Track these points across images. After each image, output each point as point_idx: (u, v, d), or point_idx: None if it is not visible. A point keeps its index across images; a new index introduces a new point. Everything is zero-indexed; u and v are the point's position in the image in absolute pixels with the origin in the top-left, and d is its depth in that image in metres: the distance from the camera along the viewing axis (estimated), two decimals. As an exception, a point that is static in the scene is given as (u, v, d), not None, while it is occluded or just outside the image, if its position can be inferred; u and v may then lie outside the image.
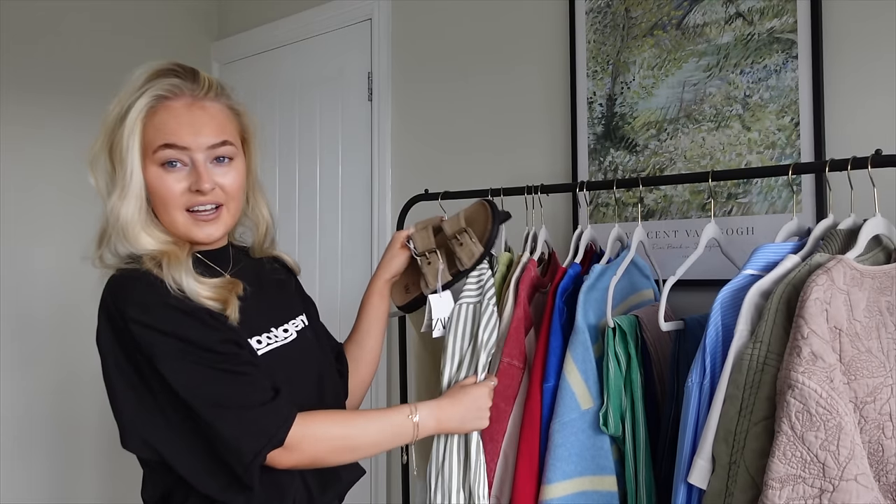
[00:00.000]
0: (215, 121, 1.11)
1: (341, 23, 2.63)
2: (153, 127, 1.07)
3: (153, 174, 1.07)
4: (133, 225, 1.07)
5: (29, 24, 2.54)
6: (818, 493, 1.01)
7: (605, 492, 1.32)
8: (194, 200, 1.08)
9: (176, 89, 1.09)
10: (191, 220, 1.09)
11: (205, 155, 1.08)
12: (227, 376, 1.03)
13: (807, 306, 1.06)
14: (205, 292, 1.06)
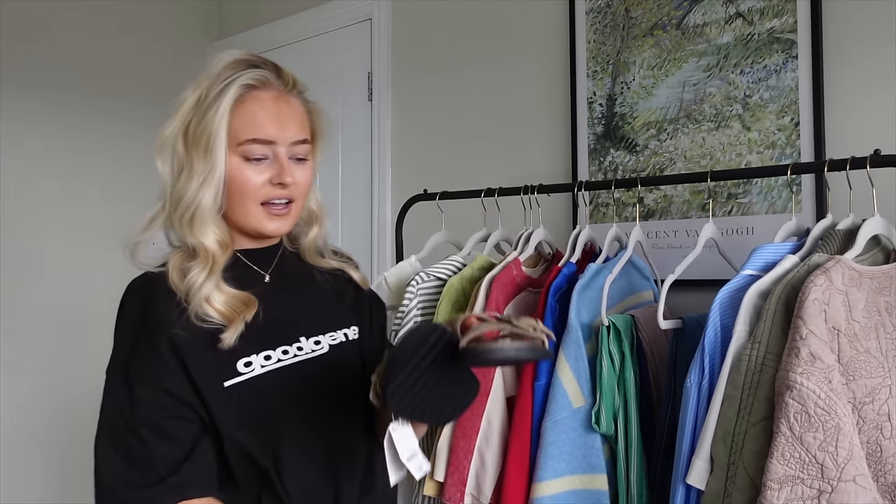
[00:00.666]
0: (298, 117, 1.11)
1: (341, 23, 2.63)
2: (240, 117, 1.06)
3: (234, 164, 1.06)
4: (207, 213, 1.06)
5: (29, 24, 2.54)
6: (817, 494, 1.00)
7: (595, 490, 1.32)
8: (273, 193, 1.07)
9: (264, 79, 1.09)
10: (264, 212, 1.08)
11: (287, 149, 1.08)
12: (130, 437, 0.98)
13: (805, 307, 1.06)
14: (217, 303, 1.03)
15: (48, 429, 2.55)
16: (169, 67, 2.93)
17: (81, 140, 2.66)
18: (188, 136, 1.07)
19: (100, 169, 2.71)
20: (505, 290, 1.47)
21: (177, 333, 1.01)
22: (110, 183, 2.73)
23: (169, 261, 1.08)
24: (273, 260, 1.16)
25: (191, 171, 1.06)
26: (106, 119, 2.72)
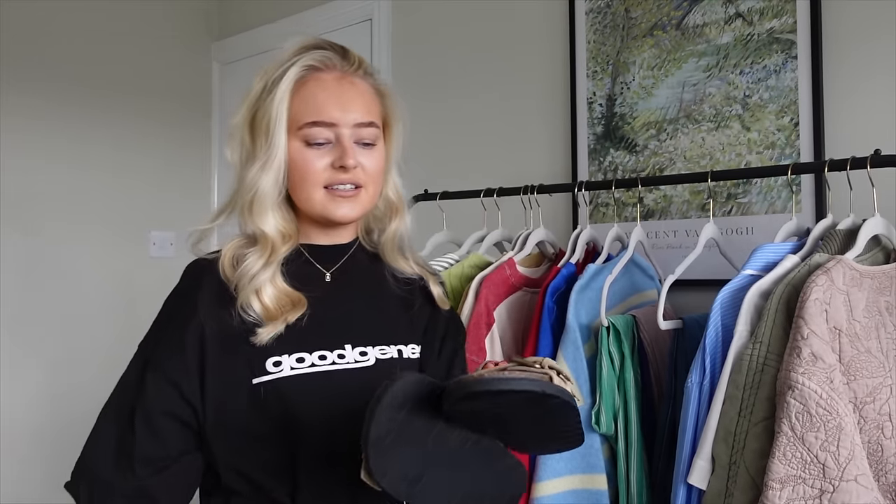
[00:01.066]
0: (363, 98, 1.04)
1: (341, 23, 2.63)
2: (301, 99, 1.01)
3: (295, 148, 1.01)
4: (267, 198, 1.01)
5: (29, 23, 2.54)
6: (818, 494, 1.01)
7: (595, 490, 1.32)
8: (336, 178, 1.01)
9: (327, 61, 1.03)
10: (328, 196, 1.02)
11: (351, 132, 1.02)
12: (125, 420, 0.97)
13: (806, 307, 1.06)
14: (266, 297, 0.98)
15: (50, 427, 2.55)
16: (169, 67, 2.93)
17: (82, 138, 2.66)
18: (253, 123, 1.04)
19: (101, 167, 2.71)
20: (496, 290, 1.47)
21: (209, 325, 0.98)
22: (112, 180, 2.74)
23: (224, 247, 1.04)
24: (340, 258, 1.08)
25: (254, 157, 1.02)
26: (106, 118, 2.72)
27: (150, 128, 2.85)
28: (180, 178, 2.96)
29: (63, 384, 2.58)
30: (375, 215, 1.13)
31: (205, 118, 3.06)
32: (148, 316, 1.15)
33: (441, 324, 1.12)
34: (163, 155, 2.90)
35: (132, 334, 3.05)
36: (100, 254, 2.70)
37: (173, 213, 2.93)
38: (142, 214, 2.82)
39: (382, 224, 1.13)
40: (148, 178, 2.85)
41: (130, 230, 2.79)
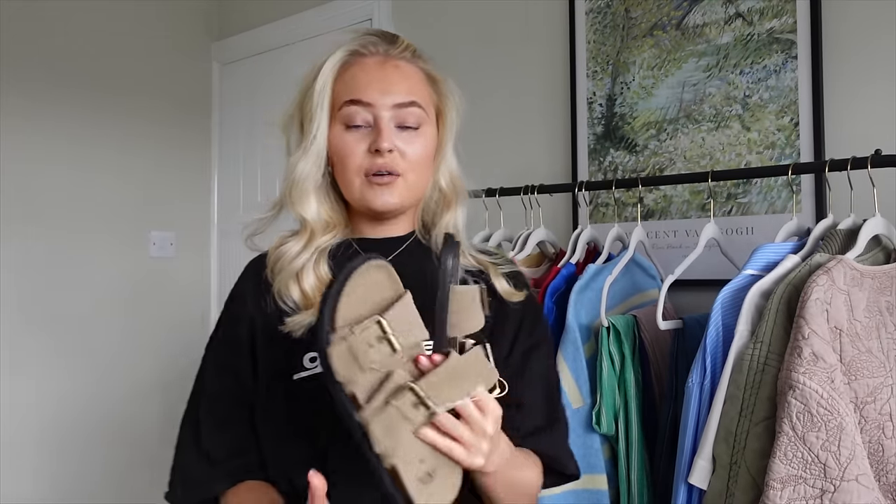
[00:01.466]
0: (407, 80, 1.00)
1: (341, 23, 2.63)
2: (342, 82, 0.99)
3: (335, 133, 0.99)
4: (305, 183, 0.99)
5: (29, 23, 2.54)
6: (819, 494, 1.01)
7: (595, 490, 1.32)
8: (372, 163, 0.97)
9: (371, 46, 1.01)
10: (367, 183, 0.98)
11: (390, 114, 0.97)
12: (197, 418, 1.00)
13: (807, 307, 1.06)
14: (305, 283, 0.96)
15: (50, 426, 2.55)
16: (169, 67, 2.93)
17: (82, 138, 2.66)
18: (302, 110, 1.03)
19: (101, 167, 2.71)
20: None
21: (257, 317, 0.99)
22: (112, 180, 2.74)
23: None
24: (393, 252, 1.02)
25: (298, 145, 1.02)
26: (106, 118, 2.72)
27: (150, 128, 2.85)
28: (180, 178, 2.96)
29: (63, 384, 2.58)
30: (429, 206, 1.06)
31: (205, 118, 3.06)
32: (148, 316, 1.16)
33: (509, 320, 1.01)
34: (163, 155, 2.90)
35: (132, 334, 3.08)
36: (100, 254, 2.70)
37: (173, 214, 2.93)
38: (142, 215, 2.82)
39: (433, 217, 1.06)
40: (148, 178, 2.85)
41: (130, 230, 2.79)
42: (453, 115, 1.05)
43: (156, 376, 2.84)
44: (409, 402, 0.73)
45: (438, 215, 1.05)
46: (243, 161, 3.00)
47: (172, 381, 2.90)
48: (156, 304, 2.84)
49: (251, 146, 2.97)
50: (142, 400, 2.79)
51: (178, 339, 2.93)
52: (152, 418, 2.81)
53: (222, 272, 3.06)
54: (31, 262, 2.53)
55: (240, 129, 3.01)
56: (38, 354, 2.53)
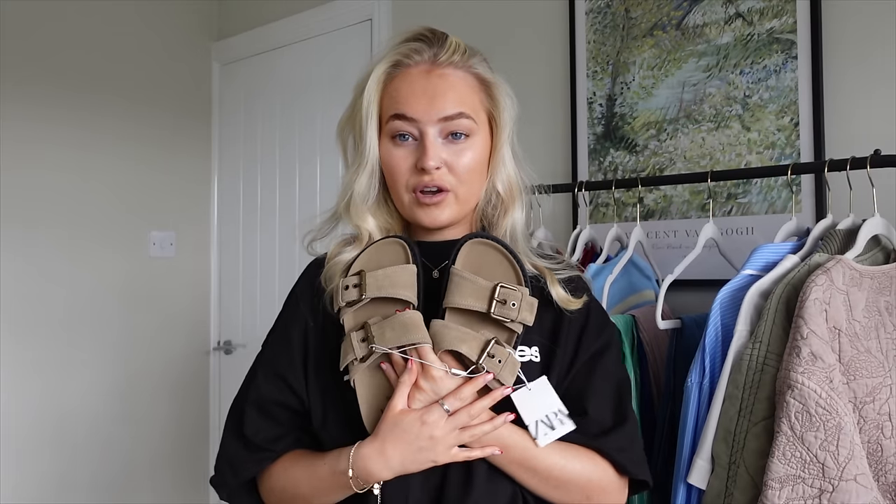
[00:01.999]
0: (454, 90, 0.97)
1: (341, 23, 2.63)
2: (388, 95, 0.98)
3: (385, 147, 0.98)
4: (362, 200, 0.99)
5: (29, 24, 2.54)
6: (818, 493, 1.01)
7: None
8: (419, 181, 0.96)
9: (416, 54, 0.98)
10: (415, 200, 0.97)
11: (436, 128, 0.95)
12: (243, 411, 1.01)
13: (806, 306, 1.06)
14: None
15: (50, 426, 2.55)
16: (169, 67, 2.93)
17: (82, 138, 2.66)
18: (353, 120, 1.02)
19: (101, 167, 2.71)
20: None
21: (310, 319, 1.00)
22: (112, 180, 2.74)
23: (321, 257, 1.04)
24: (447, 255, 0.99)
25: (354, 157, 1.01)
26: (106, 118, 2.72)
27: (150, 128, 2.85)
28: (180, 178, 2.97)
29: (64, 384, 2.58)
30: (486, 210, 1.05)
31: (205, 118, 3.07)
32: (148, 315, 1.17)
33: (565, 329, 1.00)
34: (163, 155, 2.90)
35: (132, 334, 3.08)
36: (100, 254, 2.70)
37: (173, 214, 2.93)
38: (142, 215, 2.82)
39: (492, 220, 1.04)
40: (148, 178, 2.85)
41: (130, 230, 2.79)
42: (506, 117, 1.02)
43: (156, 376, 2.84)
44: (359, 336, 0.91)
45: (497, 219, 1.04)
46: (243, 161, 3.00)
47: (173, 381, 2.91)
48: (156, 304, 2.84)
49: (251, 146, 2.97)
50: (142, 399, 2.79)
51: (178, 338, 2.93)
52: (153, 418, 2.82)
53: (222, 272, 3.06)
54: (32, 261, 2.53)
55: (240, 128, 3.01)
56: (38, 354, 2.54)
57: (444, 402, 0.88)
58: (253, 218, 2.96)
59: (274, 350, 1.03)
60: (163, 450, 2.86)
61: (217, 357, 3.04)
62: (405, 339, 0.89)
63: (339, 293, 0.93)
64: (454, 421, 0.88)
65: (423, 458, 0.89)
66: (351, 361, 0.91)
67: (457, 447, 0.90)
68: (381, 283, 0.91)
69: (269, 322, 1.09)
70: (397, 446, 0.89)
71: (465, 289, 0.92)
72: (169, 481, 2.87)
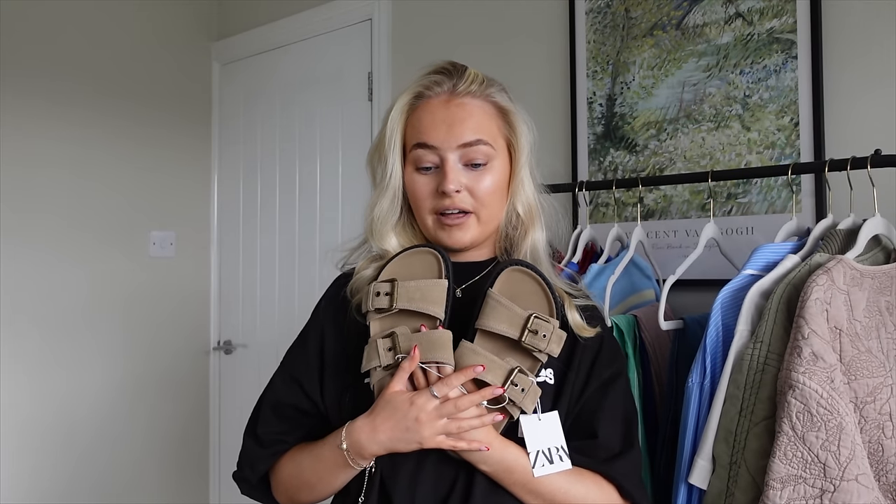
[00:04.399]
0: (472, 118, 1.02)
1: (341, 23, 2.63)
2: (410, 125, 1.04)
3: (409, 174, 1.05)
4: (384, 222, 1.05)
5: (29, 24, 2.54)
6: (819, 493, 1.01)
7: None
8: (440, 204, 1.02)
9: (436, 86, 1.04)
10: (438, 223, 1.04)
11: (456, 154, 1.01)
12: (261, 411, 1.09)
13: (807, 306, 1.06)
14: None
15: (50, 426, 2.55)
16: (169, 67, 2.93)
17: (82, 137, 2.66)
18: (378, 147, 1.08)
19: (101, 167, 2.71)
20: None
21: (329, 328, 1.07)
22: (112, 180, 2.74)
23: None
24: (474, 275, 1.07)
25: (377, 183, 1.08)
26: (106, 118, 2.72)
27: (150, 128, 2.85)
28: (180, 177, 2.97)
29: (63, 384, 2.58)
30: (507, 232, 1.09)
31: (205, 118, 3.06)
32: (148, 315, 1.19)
33: (578, 355, 1.03)
34: (163, 154, 2.90)
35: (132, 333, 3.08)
36: (100, 254, 2.70)
37: (173, 214, 2.93)
38: (142, 214, 2.82)
39: (514, 242, 1.09)
40: (148, 177, 2.85)
41: (130, 230, 2.79)
42: (523, 142, 1.07)
43: (156, 376, 2.84)
44: (385, 345, 0.94)
45: (518, 240, 1.08)
46: (243, 160, 3.00)
47: (172, 381, 2.91)
48: (156, 303, 2.84)
49: (251, 145, 2.97)
50: (142, 399, 2.79)
51: (178, 338, 2.93)
52: (152, 417, 2.82)
53: (222, 272, 3.06)
54: (32, 261, 2.53)
55: (239, 128, 3.01)
56: (38, 354, 2.54)
57: (432, 388, 0.92)
58: (253, 218, 2.96)
59: (293, 356, 1.10)
60: (162, 449, 2.86)
61: (217, 357, 3.04)
62: (431, 357, 0.92)
63: (370, 298, 0.96)
64: (441, 409, 0.92)
65: (409, 437, 0.93)
66: (374, 367, 0.94)
67: (443, 436, 0.92)
68: (413, 296, 0.95)
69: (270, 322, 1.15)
70: (387, 423, 0.93)
71: (501, 314, 0.95)
72: (169, 481, 2.87)
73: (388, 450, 0.94)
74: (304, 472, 1.02)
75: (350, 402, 1.01)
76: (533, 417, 0.96)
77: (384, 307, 0.95)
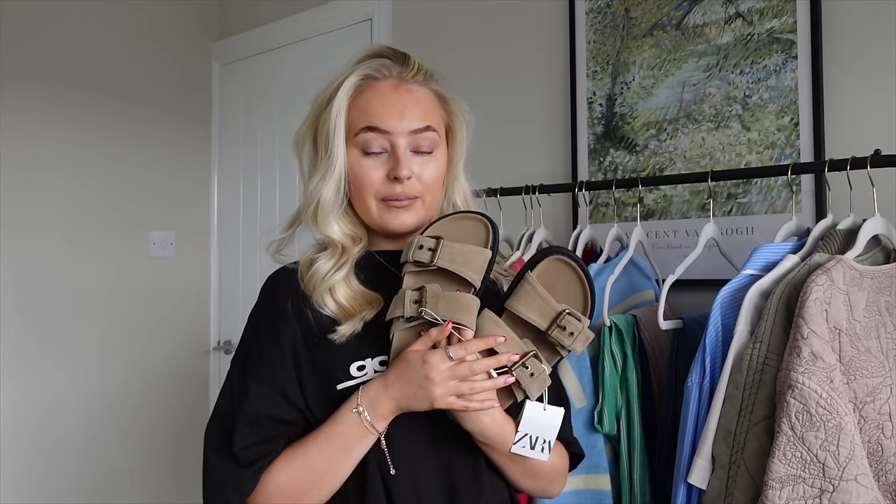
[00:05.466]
0: (421, 105, 1.03)
1: (341, 23, 2.63)
2: (357, 108, 1.02)
3: (353, 158, 1.02)
4: (329, 207, 1.03)
5: (29, 24, 2.54)
6: (818, 494, 1.01)
7: (598, 490, 1.32)
8: (390, 191, 1.01)
9: (384, 69, 1.03)
10: (384, 207, 1.03)
11: (406, 140, 1.01)
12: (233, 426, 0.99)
13: (807, 306, 1.06)
14: (339, 296, 1.00)
15: (50, 426, 2.55)
16: (169, 67, 2.93)
17: (82, 137, 2.66)
18: (315, 135, 1.05)
19: (101, 167, 2.71)
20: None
21: (296, 330, 1.00)
22: (112, 180, 2.74)
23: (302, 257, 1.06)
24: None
25: (316, 168, 1.04)
26: (106, 118, 2.72)
27: (150, 128, 2.85)
28: (180, 177, 2.97)
29: (63, 383, 2.58)
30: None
31: (205, 118, 3.07)
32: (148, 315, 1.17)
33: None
34: (163, 154, 2.90)
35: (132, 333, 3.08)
36: (100, 254, 2.70)
37: (173, 213, 2.93)
38: (142, 215, 2.82)
39: None
40: (148, 177, 2.85)
41: (130, 230, 2.79)
42: (463, 133, 1.09)
43: (156, 376, 2.84)
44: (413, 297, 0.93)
45: None
46: (243, 160, 3.00)
47: (172, 381, 2.91)
48: (156, 304, 2.84)
49: (251, 145, 2.97)
50: (142, 399, 2.79)
51: (178, 338, 2.93)
52: (152, 417, 2.82)
53: (222, 272, 3.06)
54: (32, 261, 2.53)
55: (239, 128, 3.01)
56: (38, 354, 2.54)
57: (448, 349, 0.92)
58: (253, 218, 2.96)
59: (268, 362, 1.01)
60: (162, 449, 2.86)
61: (217, 357, 3.04)
62: (455, 317, 0.92)
63: (412, 250, 0.96)
64: (454, 370, 0.92)
65: (421, 395, 0.92)
66: (398, 317, 0.94)
67: (454, 396, 0.92)
68: (455, 258, 0.94)
69: (269, 322, 1.07)
70: (399, 379, 0.93)
71: (533, 301, 0.95)
72: (168, 481, 2.87)
73: (401, 407, 0.94)
74: (311, 465, 0.96)
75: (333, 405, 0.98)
76: (538, 405, 0.97)
77: (423, 261, 0.95)
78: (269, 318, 1.02)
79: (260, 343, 1.02)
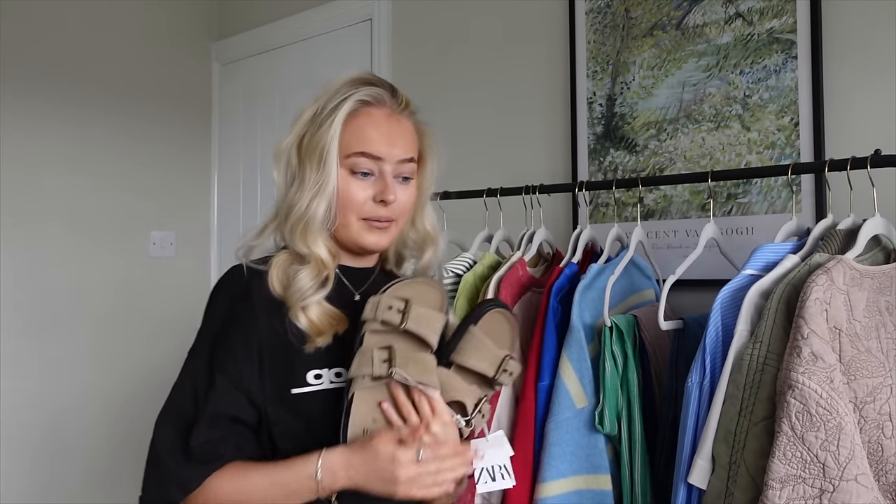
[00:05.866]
0: (407, 136, 1.12)
1: (341, 23, 2.63)
2: (351, 130, 1.08)
3: (341, 177, 1.08)
4: (318, 226, 1.07)
5: (28, 23, 2.54)
6: (818, 494, 1.01)
7: (599, 490, 1.32)
8: (375, 212, 1.08)
9: (379, 97, 1.10)
10: (365, 226, 1.09)
11: (393, 168, 1.09)
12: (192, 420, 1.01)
13: (807, 306, 1.06)
14: (312, 314, 1.04)
15: (49, 425, 2.55)
16: (169, 67, 2.93)
17: (82, 137, 2.66)
18: (302, 147, 1.09)
19: (101, 166, 2.71)
20: (512, 290, 1.47)
21: (264, 333, 1.03)
22: (112, 180, 2.74)
23: (273, 258, 1.08)
24: (367, 280, 1.15)
25: (302, 182, 1.08)
26: (106, 118, 2.72)
27: (150, 128, 2.85)
28: (180, 177, 2.97)
29: (62, 383, 2.58)
30: (409, 245, 1.20)
31: (205, 118, 3.07)
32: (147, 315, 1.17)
33: None
34: (163, 155, 2.90)
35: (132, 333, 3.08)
36: (100, 254, 2.70)
37: (173, 213, 2.93)
38: (142, 215, 2.82)
39: (418, 254, 1.20)
40: (148, 177, 2.85)
41: (130, 230, 2.79)
42: (434, 164, 1.17)
43: (155, 376, 2.84)
44: (381, 356, 0.97)
45: (419, 252, 1.19)
46: (243, 161, 3.00)
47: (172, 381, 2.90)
48: (156, 303, 2.84)
49: (251, 146, 2.97)
50: (141, 399, 2.79)
51: (178, 338, 2.93)
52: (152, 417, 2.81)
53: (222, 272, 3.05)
54: (32, 261, 2.53)
55: (239, 128, 3.01)
56: (38, 354, 2.54)
57: (420, 450, 0.95)
58: (253, 218, 2.96)
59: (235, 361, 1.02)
60: (163, 450, 2.85)
61: (217, 357, 3.04)
62: (424, 378, 0.98)
63: (381, 309, 0.99)
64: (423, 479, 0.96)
65: (384, 489, 0.96)
66: (363, 375, 0.97)
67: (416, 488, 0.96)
68: (421, 322, 1.00)
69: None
70: (365, 467, 0.96)
71: (483, 353, 1.04)
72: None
73: (359, 487, 0.97)
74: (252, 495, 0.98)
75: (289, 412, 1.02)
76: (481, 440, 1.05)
77: (393, 322, 0.99)
78: (240, 316, 1.04)
79: (229, 339, 1.03)
